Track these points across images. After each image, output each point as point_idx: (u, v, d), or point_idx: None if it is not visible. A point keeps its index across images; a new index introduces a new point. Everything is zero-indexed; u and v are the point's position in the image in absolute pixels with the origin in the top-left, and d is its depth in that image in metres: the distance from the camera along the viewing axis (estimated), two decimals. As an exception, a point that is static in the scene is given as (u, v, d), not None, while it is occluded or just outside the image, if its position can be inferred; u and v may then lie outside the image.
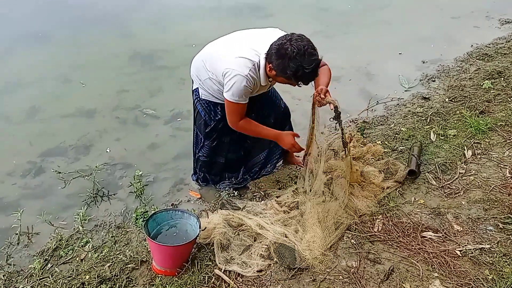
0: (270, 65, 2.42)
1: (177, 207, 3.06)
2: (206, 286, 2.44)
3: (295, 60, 2.29)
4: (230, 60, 2.50)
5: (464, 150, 3.35)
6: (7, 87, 4.46)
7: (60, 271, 2.61)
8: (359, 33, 5.52)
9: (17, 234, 2.88)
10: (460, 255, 2.53)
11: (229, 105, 2.59)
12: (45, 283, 2.52)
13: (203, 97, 2.82)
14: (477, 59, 4.76)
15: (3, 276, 2.60)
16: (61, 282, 2.50)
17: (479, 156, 3.30)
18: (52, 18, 6.01)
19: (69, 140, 3.75)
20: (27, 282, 2.54)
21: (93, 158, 3.54)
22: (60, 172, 3.36)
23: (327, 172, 3.17)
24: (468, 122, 3.61)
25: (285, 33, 2.46)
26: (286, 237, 2.67)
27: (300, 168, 3.28)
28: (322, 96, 2.55)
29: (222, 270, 2.49)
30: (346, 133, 3.55)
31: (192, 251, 2.61)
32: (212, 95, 2.77)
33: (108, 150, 3.65)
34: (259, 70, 2.50)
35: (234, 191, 3.14)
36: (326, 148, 3.46)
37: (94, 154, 3.61)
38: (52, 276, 2.56)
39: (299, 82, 2.43)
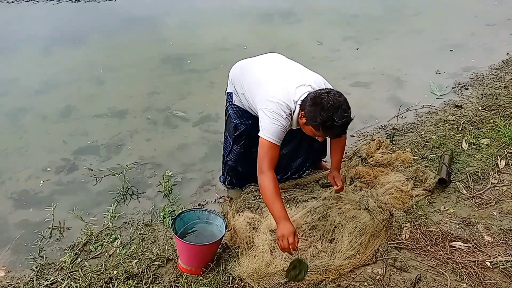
0: (303, 112, 2.41)
1: (204, 207, 3.09)
2: (230, 287, 2.46)
3: (328, 111, 2.28)
4: (270, 101, 2.47)
5: (497, 159, 3.26)
6: (44, 88, 4.61)
7: (89, 265, 2.68)
8: (391, 40, 5.48)
9: (49, 228, 2.97)
10: (491, 267, 2.46)
11: (264, 144, 2.47)
12: (75, 276, 2.59)
13: (235, 103, 2.84)
14: (513, 67, 4.65)
15: (36, 267, 2.68)
16: (90, 276, 2.56)
17: (512, 166, 3.21)
18: (87, 22, 6.19)
19: (101, 139, 3.85)
20: (58, 275, 2.62)
21: (123, 157, 3.63)
22: (92, 170, 3.46)
23: (354, 177, 3.16)
24: (502, 132, 3.52)
25: (327, 83, 2.58)
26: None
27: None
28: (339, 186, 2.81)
29: (246, 272, 2.50)
30: (372, 141, 3.54)
31: (217, 251, 2.63)
32: (243, 106, 2.79)
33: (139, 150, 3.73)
34: (292, 115, 2.49)
35: (260, 194, 3.15)
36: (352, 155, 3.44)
37: (124, 153, 3.69)
38: (81, 270, 2.63)
39: (325, 134, 2.44)
